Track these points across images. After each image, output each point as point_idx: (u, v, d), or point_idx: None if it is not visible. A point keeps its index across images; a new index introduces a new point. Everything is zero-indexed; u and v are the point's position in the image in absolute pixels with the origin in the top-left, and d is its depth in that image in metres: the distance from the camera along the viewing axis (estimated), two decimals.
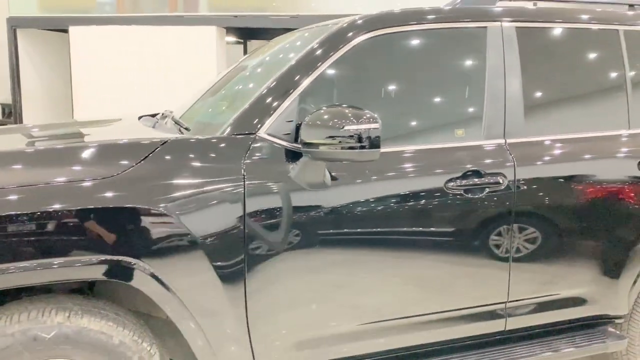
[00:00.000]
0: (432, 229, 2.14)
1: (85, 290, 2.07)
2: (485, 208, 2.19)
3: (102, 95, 7.11)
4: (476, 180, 2.16)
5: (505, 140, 2.26)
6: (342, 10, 6.53)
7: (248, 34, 7.92)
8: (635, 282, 2.52)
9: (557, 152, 2.33)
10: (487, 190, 2.17)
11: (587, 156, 2.39)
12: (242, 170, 1.89)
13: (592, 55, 2.56)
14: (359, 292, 2.10)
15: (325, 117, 1.83)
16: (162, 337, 2.04)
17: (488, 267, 2.26)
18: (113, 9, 7.39)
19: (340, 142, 1.81)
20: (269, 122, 1.98)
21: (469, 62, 2.33)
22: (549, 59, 2.45)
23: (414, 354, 2.26)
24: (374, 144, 1.80)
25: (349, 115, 1.80)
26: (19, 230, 1.66)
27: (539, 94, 2.40)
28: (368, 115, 1.80)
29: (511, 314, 2.34)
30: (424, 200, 2.11)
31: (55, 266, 1.70)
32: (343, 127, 1.78)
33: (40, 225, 1.67)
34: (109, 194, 1.74)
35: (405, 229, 2.10)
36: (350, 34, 2.11)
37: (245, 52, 8.06)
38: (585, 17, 2.50)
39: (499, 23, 2.32)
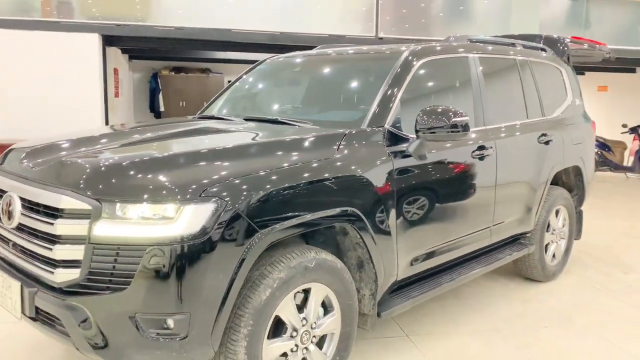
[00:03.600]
0: (467, 181, 3.46)
1: None
2: (487, 167, 3.60)
3: None
4: (483, 151, 3.55)
5: (486, 126, 3.70)
6: (222, 24, 7.33)
7: (108, 41, 8.00)
8: (538, 210, 4.25)
9: (508, 131, 3.88)
10: (487, 156, 3.58)
11: (519, 134, 4.01)
12: (386, 148, 2.92)
13: (508, 74, 4.20)
14: (440, 222, 3.29)
15: (436, 113, 2.97)
16: None
17: (488, 204, 3.68)
18: None
19: (445, 128, 2.97)
20: (389, 119, 3.04)
21: (466, 78, 3.70)
22: (492, 76, 4.00)
23: (452, 265, 3.56)
24: (466, 129, 3.02)
25: (452, 111, 2.97)
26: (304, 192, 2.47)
27: (493, 97, 3.90)
28: (462, 111, 3.01)
29: (493, 233, 3.81)
30: (464, 164, 3.42)
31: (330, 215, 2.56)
32: (452, 119, 2.96)
33: (309, 189, 2.50)
34: (339, 168, 2.63)
35: (456, 182, 3.37)
36: (416, 58, 3.29)
37: (104, 58, 8.08)
38: (504, 50, 4.13)
39: (472, 54, 3.76)
